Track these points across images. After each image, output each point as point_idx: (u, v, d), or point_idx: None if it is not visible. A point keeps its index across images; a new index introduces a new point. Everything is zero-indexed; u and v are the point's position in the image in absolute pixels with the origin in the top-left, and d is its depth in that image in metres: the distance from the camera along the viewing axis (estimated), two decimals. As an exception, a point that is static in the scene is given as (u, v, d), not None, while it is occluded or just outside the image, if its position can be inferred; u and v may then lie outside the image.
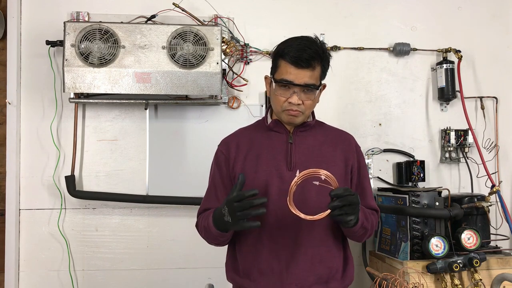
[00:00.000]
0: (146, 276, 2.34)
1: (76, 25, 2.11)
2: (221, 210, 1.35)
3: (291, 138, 1.53)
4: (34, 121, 2.32)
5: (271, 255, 1.47)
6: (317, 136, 1.57)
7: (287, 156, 1.51)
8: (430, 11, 2.55)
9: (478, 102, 2.55)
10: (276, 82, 1.47)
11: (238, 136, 1.61)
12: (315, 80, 1.47)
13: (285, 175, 1.48)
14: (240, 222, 1.31)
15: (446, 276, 1.95)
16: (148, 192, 2.34)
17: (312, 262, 1.48)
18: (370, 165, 2.42)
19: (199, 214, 1.58)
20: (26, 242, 2.30)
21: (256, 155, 1.52)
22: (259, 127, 1.61)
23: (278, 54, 1.48)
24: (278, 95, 1.48)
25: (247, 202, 1.29)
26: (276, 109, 1.52)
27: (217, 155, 1.60)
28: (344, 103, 2.49)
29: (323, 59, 1.47)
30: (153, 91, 2.14)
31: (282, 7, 2.46)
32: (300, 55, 1.42)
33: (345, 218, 1.32)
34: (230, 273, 1.57)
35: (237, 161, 1.53)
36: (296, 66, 1.43)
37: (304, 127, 1.56)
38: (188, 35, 2.15)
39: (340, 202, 1.30)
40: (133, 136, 2.36)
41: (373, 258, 2.35)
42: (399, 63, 2.53)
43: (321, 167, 1.41)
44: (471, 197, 2.18)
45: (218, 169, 1.57)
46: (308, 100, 1.48)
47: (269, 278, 1.47)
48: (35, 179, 2.31)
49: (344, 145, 1.58)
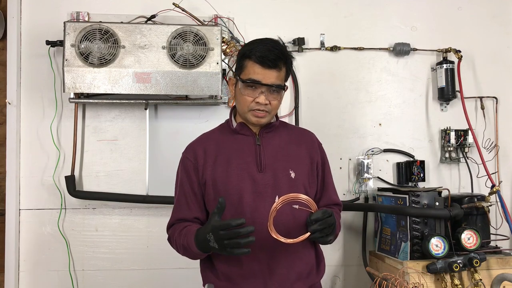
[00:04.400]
0: (146, 276, 2.34)
1: (76, 25, 2.11)
2: (205, 236, 1.34)
3: (258, 140, 1.55)
4: (34, 121, 2.32)
5: (250, 258, 1.47)
6: (282, 136, 1.60)
7: (257, 158, 1.52)
8: (430, 11, 2.56)
9: (478, 102, 2.55)
10: (243, 82, 1.48)
11: (204, 141, 1.59)
12: (281, 80, 1.50)
13: (257, 177, 1.50)
14: (227, 250, 1.31)
15: (446, 276, 1.95)
16: (148, 192, 2.34)
17: (292, 260, 1.50)
18: (370, 165, 2.42)
19: (171, 226, 1.56)
20: (26, 242, 2.30)
21: (226, 160, 1.52)
22: (224, 131, 1.61)
23: (245, 55, 1.49)
24: (245, 95, 1.49)
25: (234, 232, 1.28)
26: (242, 109, 1.52)
27: (183, 162, 1.57)
28: (344, 103, 2.49)
29: (287, 61, 1.51)
30: (153, 91, 2.15)
31: (282, 7, 2.46)
32: (266, 55, 1.45)
33: (325, 239, 1.41)
34: (209, 278, 1.55)
35: (206, 167, 1.52)
36: (263, 66, 1.45)
37: (269, 128, 1.58)
38: (188, 35, 2.15)
39: (320, 226, 1.36)
40: (133, 136, 2.36)
41: (373, 258, 2.35)
42: (399, 63, 2.53)
43: (290, 166, 1.51)
44: (471, 197, 2.18)
45: (187, 177, 1.55)
46: (275, 101, 1.50)
47: (252, 281, 1.48)
48: (35, 179, 2.31)
49: (307, 143, 1.62)
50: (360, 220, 2.43)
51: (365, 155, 2.45)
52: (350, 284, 2.44)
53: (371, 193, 2.44)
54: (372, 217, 2.42)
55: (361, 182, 2.44)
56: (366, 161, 2.42)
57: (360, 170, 2.43)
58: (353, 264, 2.44)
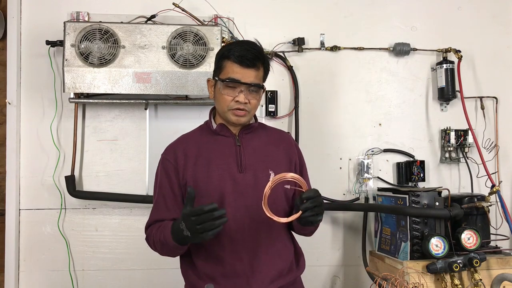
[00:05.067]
0: (146, 276, 2.34)
1: (76, 25, 2.11)
2: (178, 225, 1.35)
3: (238, 141, 1.56)
4: (34, 121, 2.32)
5: (233, 257, 1.49)
6: (262, 138, 1.62)
7: (237, 158, 1.54)
8: (430, 11, 2.55)
9: (478, 102, 2.55)
10: (223, 81, 1.49)
11: (184, 142, 1.60)
12: (259, 80, 1.52)
13: (238, 177, 1.51)
14: (200, 235, 1.30)
15: (446, 276, 1.95)
16: (148, 192, 2.34)
17: (273, 258, 1.52)
18: (370, 165, 2.42)
19: (149, 226, 1.57)
20: (26, 242, 2.30)
21: (206, 161, 1.53)
22: (204, 132, 1.62)
23: (223, 55, 1.51)
24: (224, 95, 1.50)
25: (206, 215, 1.29)
26: (222, 109, 1.53)
27: (163, 163, 1.58)
28: (344, 103, 2.49)
29: (265, 61, 1.54)
30: (153, 91, 2.15)
31: (282, 7, 2.46)
32: (245, 54, 1.47)
33: (315, 218, 1.40)
34: (191, 278, 1.55)
35: (187, 168, 1.53)
36: (242, 65, 1.47)
37: (249, 129, 1.60)
38: (188, 35, 2.15)
39: (311, 204, 1.36)
40: (133, 136, 2.36)
41: (373, 258, 2.35)
42: (399, 63, 2.53)
43: (269, 166, 1.54)
44: (471, 197, 2.18)
45: (166, 178, 1.55)
46: (254, 100, 1.52)
47: (234, 280, 1.49)
48: (35, 179, 2.31)
49: (285, 144, 1.65)
50: (360, 220, 2.43)
51: (365, 155, 2.45)
52: (350, 284, 2.44)
53: (371, 193, 2.44)
54: (372, 217, 2.42)
55: (361, 182, 2.44)
56: (366, 161, 2.42)
57: (360, 170, 2.43)
58: (353, 264, 2.44)
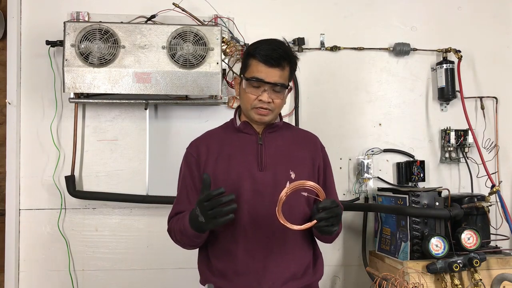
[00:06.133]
0: (146, 276, 2.34)
1: (76, 25, 2.11)
2: (194, 211, 1.37)
3: (260, 139, 1.56)
4: (34, 121, 2.32)
5: (246, 255, 1.49)
6: (285, 137, 1.61)
7: (258, 157, 1.54)
8: (430, 11, 2.55)
9: (478, 102, 2.55)
10: (247, 80, 1.50)
11: (208, 138, 1.62)
12: (284, 79, 1.51)
13: (257, 176, 1.51)
14: (212, 221, 1.32)
15: (446, 276, 1.95)
16: (148, 192, 2.34)
17: (286, 260, 1.51)
18: (370, 165, 2.42)
19: (170, 219, 1.58)
20: (26, 242, 2.30)
21: (227, 157, 1.54)
22: (228, 129, 1.64)
23: (249, 54, 1.53)
24: (248, 93, 1.51)
25: (216, 200, 1.30)
26: (245, 107, 1.54)
27: (187, 157, 1.60)
28: (344, 103, 2.49)
29: (291, 61, 1.53)
30: (153, 91, 2.15)
31: (282, 7, 2.46)
32: (270, 54, 1.47)
33: (330, 229, 1.39)
34: (205, 274, 1.57)
35: (208, 163, 1.54)
36: (267, 65, 1.47)
37: (273, 128, 1.59)
38: (188, 35, 2.15)
39: (327, 214, 1.35)
40: (133, 136, 2.36)
41: (373, 258, 2.35)
42: (399, 63, 2.53)
43: (291, 167, 1.52)
44: (471, 197, 2.18)
45: (189, 171, 1.58)
46: (278, 99, 1.52)
47: (245, 278, 1.49)
48: (35, 179, 2.31)
49: (310, 145, 1.63)
50: (360, 220, 2.43)
51: (365, 155, 2.45)
52: (350, 284, 2.44)
53: (371, 193, 2.44)
54: (372, 217, 2.42)
55: (361, 182, 2.44)
56: (366, 161, 2.42)
57: (360, 170, 2.43)
58: (353, 264, 2.44)
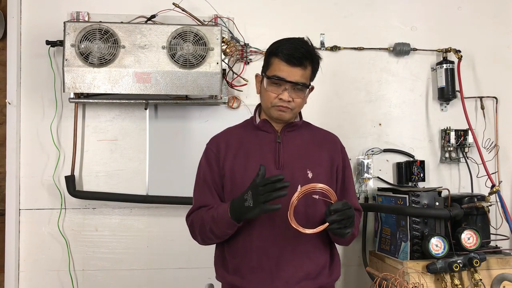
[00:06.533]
0: (146, 276, 2.34)
1: (76, 25, 2.11)
2: (243, 196, 1.38)
3: (279, 137, 1.57)
4: (34, 121, 2.32)
5: (260, 253, 1.49)
6: (304, 136, 1.61)
7: (275, 155, 1.54)
8: (430, 11, 2.55)
9: (478, 102, 2.55)
10: (268, 78, 1.51)
11: (228, 134, 1.63)
12: (305, 79, 1.51)
13: (274, 174, 1.49)
14: (261, 206, 1.33)
15: (446, 276, 1.95)
16: (148, 192, 2.34)
17: (301, 259, 1.51)
18: (370, 165, 2.42)
19: (192, 212, 1.58)
20: (26, 242, 2.30)
21: (245, 154, 1.55)
22: (247, 127, 1.64)
23: (272, 52, 1.52)
24: (269, 91, 1.51)
25: (271, 185, 1.32)
26: (265, 105, 1.55)
27: (207, 152, 1.62)
28: (344, 103, 2.49)
29: (314, 60, 1.53)
30: (153, 91, 2.14)
31: (282, 7, 2.46)
32: (293, 53, 1.47)
33: (343, 231, 1.38)
34: (220, 271, 1.59)
35: (226, 159, 1.55)
36: (289, 64, 1.47)
37: (292, 127, 1.59)
38: (188, 35, 2.15)
39: (339, 217, 1.36)
40: (133, 136, 2.36)
41: (373, 258, 2.35)
42: (399, 63, 2.53)
43: (308, 166, 1.52)
44: (471, 197, 2.18)
45: (209, 167, 1.58)
46: (298, 98, 1.52)
47: (259, 275, 1.49)
48: (35, 179, 2.31)
49: (330, 145, 1.63)
50: (360, 220, 2.44)
51: (365, 155, 2.45)
52: (350, 284, 2.44)
53: (371, 193, 2.44)
54: (372, 217, 2.42)
55: (361, 182, 2.43)
56: (366, 161, 2.42)
57: (360, 170, 2.43)
58: (353, 264, 2.44)
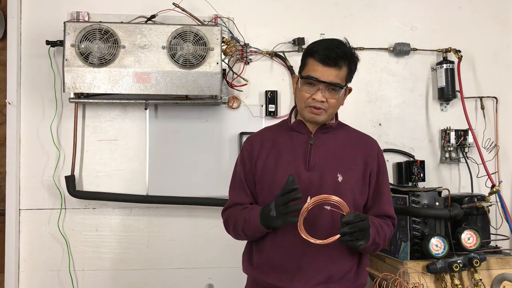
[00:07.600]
0: (146, 276, 2.34)
1: (76, 25, 2.10)
2: (269, 205, 1.41)
3: (311, 139, 1.56)
4: (34, 121, 2.32)
5: (284, 252, 1.51)
6: (339, 138, 1.59)
7: (306, 156, 1.54)
8: (430, 11, 2.55)
9: (478, 102, 2.55)
10: (303, 78, 1.51)
11: (262, 134, 1.66)
12: (340, 79, 1.50)
13: (303, 175, 1.51)
14: (283, 216, 1.37)
15: (446, 276, 1.95)
16: (148, 192, 2.34)
17: (323, 261, 1.50)
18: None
19: (227, 208, 1.62)
20: (26, 242, 2.30)
21: (277, 154, 1.56)
22: (282, 127, 1.65)
23: (308, 52, 1.52)
24: (303, 91, 1.51)
25: (286, 196, 1.36)
26: (299, 105, 1.55)
27: (242, 151, 1.66)
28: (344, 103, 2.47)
29: (350, 61, 1.51)
30: (153, 91, 2.14)
31: (282, 7, 2.46)
32: (328, 53, 1.46)
33: (355, 244, 1.38)
34: (246, 265, 1.62)
35: (259, 159, 1.57)
36: (323, 64, 1.47)
37: (326, 129, 1.58)
38: (188, 35, 2.14)
39: (350, 229, 1.35)
40: (133, 136, 2.36)
41: (373, 258, 2.35)
42: (399, 63, 2.53)
43: (339, 169, 1.51)
44: (471, 197, 2.18)
45: (243, 165, 1.61)
46: (332, 99, 1.51)
47: (280, 274, 1.51)
48: (35, 179, 2.31)
49: (365, 149, 1.60)
50: (360, 220, 2.43)
51: (365, 155, 2.45)
52: (350, 284, 2.44)
53: (371, 193, 2.44)
54: (372, 217, 2.42)
55: (361, 182, 2.43)
56: (366, 161, 2.42)
57: (360, 170, 2.43)
58: (353, 264, 2.44)
